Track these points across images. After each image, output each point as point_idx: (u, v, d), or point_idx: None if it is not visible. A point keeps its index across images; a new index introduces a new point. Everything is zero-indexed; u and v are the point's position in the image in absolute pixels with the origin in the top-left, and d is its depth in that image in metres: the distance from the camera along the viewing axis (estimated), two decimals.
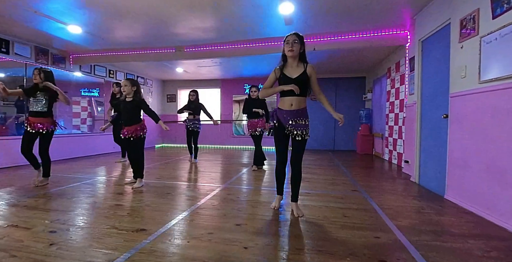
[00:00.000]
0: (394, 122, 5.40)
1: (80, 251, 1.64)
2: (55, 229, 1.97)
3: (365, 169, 4.74)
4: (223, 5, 3.46)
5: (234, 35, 4.58)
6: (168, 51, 5.28)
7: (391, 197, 2.89)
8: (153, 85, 8.68)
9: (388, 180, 3.77)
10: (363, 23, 4.07)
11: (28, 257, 1.55)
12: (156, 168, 4.63)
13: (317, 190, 3.15)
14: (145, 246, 1.71)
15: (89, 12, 3.68)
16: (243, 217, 2.25)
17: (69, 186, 3.30)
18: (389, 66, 5.77)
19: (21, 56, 4.80)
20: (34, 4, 3.38)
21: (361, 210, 2.44)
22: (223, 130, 8.73)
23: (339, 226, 2.05)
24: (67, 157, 5.62)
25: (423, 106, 3.53)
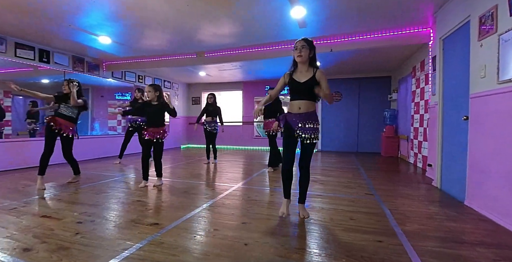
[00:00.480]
0: (419, 123, 5.17)
1: (100, 240, 1.85)
2: (81, 220, 2.21)
3: (386, 172, 4.60)
4: (236, 14, 3.62)
5: (250, 40, 4.71)
6: (190, 56, 5.55)
7: (405, 201, 2.81)
8: (179, 88, 9.09)
9: (408, 184, 3.64)
10: (382, 22, 3.97)
11: (56, 244, 1.78)
12: (178, 168, 4.89)
13: (329, 192, 3.15)
14: (155, 238, 1.87)
15: (117, 25, 4.03)
16: (249, 216, 2.34)
17: (99, 182, 3.62)
18: (414, 64, 5.53)
19: (60, 64, 5.33)
20: (69, 20, 3.78)
21: (369, 214, 2.41)
22: (245, 131, 8.90)
23: (343, 229, 2.06)
24: (102, 156, 6.12)
25: (445, 108, 3.37)
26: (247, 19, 3.79)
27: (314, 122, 2.26)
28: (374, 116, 7.55)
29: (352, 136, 7.82)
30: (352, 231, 2.01)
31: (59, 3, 3.28)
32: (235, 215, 2.36)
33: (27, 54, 4.74)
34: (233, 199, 2.88)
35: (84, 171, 4.26)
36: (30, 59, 4.80)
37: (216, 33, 4.38)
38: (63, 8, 3.40)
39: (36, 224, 2.13)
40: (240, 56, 5.20)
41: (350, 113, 7.81)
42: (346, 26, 4.09)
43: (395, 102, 7.10)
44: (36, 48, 4.89)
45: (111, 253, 1.65)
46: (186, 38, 4.63)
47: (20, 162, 4.63)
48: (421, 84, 5.08)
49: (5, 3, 3.27)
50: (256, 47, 5.01)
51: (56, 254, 1.64)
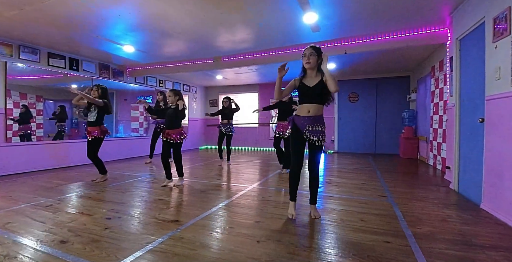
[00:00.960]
0: (438, 124, 5.06)
1: (127, 234, 2.04)
2: (110, 216, 2.43)
3: (404, 174, 4.55)
4: (250, 21, 3.77)
5: (265, 44, 4.84)
6: (207, 61, 5.76)
7: (419, 204, 2.82)
8: (197, 91, 9.38)
9: (425, 186, 3.61)
10: (397, 23, 3.95)
11: (88, 237, 1.99)
12: (196, 168, 5.10)
13: (342, 194, 3.20)
14: (175, 234, 2.04)
15: (140, 35, 4.31)
16: (263, 215, 2.46)
17: (125, 182, 3.89)
18: (433, 64, 5.42)
19: (88, 71, 5.72)
20: (97, 31, 4.09)
21: (381, 215, 2.46)
22: (261, 132, 9.03)
23: (352, 229, 2.13)
24: (126, 157, 6.48)
25: (462, 109, 3.32)
26: (261, 25, 3.92)
27: (322, 125, 2.36)
28: (392, 117, 7.42)
29: (369, 137, 7.73)
30: (361, 232, 2.08)
31: (88, 17, 3.57)
32: (250, 214, 2.49)
33: (58, 63, 5.15)
34: (248, 199, 3.01)
35: (110, 171, 4.56)
36: (61, 67, 5.19)
37: (232, 40, 4.55)
38: (92, 21, 3.70)
39: (70, 219, 2.36)
40: (255, 60, 5.34)
41: (367, 114, 7.72)
42: (360, 28, 4.11)
43: (414, 103, 6.95)
44: (67, 57, 5.28)
45: (136, 246, 1.83)
46: (204, 45, 4.84)
47: (53, 163, 5.03)
48: (440, 84, 4.98)
49: (41, 19, 3.60)
50: (271, 51, 5.13)
51: (89, 246, 1.84)
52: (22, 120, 4.71)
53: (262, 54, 5.24)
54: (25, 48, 4.61)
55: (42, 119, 5.04)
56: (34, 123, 4.91)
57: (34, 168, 4.74)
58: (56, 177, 4.26)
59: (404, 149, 6.58)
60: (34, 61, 4.76)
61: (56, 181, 3.92)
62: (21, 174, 4.43)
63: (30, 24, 3.77)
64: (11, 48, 4.44)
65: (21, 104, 4.71)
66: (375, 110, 7.65)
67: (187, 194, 3.24)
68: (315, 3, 3.22)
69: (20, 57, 4.55)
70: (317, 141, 2.33)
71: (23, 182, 3.86)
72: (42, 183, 3.79)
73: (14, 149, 4.50)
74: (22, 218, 2.40)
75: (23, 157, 4.60)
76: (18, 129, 4.63)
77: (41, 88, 5.08)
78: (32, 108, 4.88)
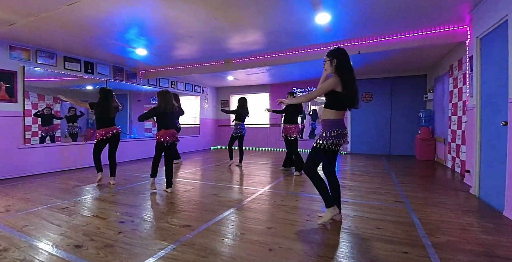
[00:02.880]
0: (457, 125, 4.88)
1: (140, 239, 2.05)
2: (123, 220, 2.46)
3: (421, 177, 4.41)
4: (260, 23, 3.74)
5: (277, 46, 4.79)
6: (218, 63, 5.77)
7: (438, 210, 2.71)
8: (209, 92, 9.43)
9: (443, 191, 3.48)
10: (413, 22, 3.82)
11: (102, 241, 2.01)
12: (208, 170, 5.11)
13: (356, 199, 3.12)
14: (187, 239, 2.04)
15: (152, 39, 4.37)
16: (275, 221, 2.43)
17: (138, 184, 3.94)
18: (451, 63, 5.21)
19: (103, 74, 5.84)
20: (110, 35, 4.16)
21: (397, 223, 2.38)
22: (272, 133, 8.98)
23: (367, 238, 2.07)
24: (139, 158, 6.59)
25: (483, 111, 3.17)
26: (272, 27, 3.88)
27: (323, 130, 2.32)
28: (408, 117, 7.20)
29: (383, 138, 7.54)
30: (376, 240, 2.01)
31: (101, 22, 3.63)
32: (261, 220, 2.46)
33: (74, 67, 5.27)
34: (260, 203, 2.98)
35: (123, 173, 4.65)
36: (76, 70, 5.32)
37: (243, 41, 4.53)
38: (105, 26, 3.76)
39: (85, 222, 2.40)
40: (267, 61, 5.30)
41: (382, 114, 7.53)
42: (375, 27, 4.00)
43: (431, 103, 6.73)
44: (82, 61, 5.41)
45: (149, 252, 1.84)
46: (215, 47, 4.85)
47: (70, 164, 5.16)
48: (458, 84, 4.79)
49: (56, 24, 3.69)
50: (283, 52, 5.08)
51: (102, 251, 1.86)
52: (47, 121, 4.92)
53: (274, 55, 5.19)
54: (42, 53, 4.74)
55: (59, 120, 5.20)
56: (58, 124, 5.12)
57: (52, 169, 4.88)
58: (73, 178, 4.36)
59: (421, 151, 6.39)
60: (51, 65, 4.90)
61: (72, 183, 4.02)
62: (40, 175, 4.57)
63: (46, 29, 3.87)
64: (28, 53, 4.57)
65: (45, 106, 4.91)
66: (389, 110, 7.46)
67: (198, 197, 3.25)
68: (328, 3, 3.15)
69: (37, 61, 4.69)
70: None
71: (41, 183, 3.98)
72: (59, 185, 3.89)
73: (32, 150, 4.65)
74: (39, 220, 2.46)
75: (41, 158, 4.74)
76: (41, 129, 4.84)
77: (59, 90, 5.18)
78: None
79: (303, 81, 8.15)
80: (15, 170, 4.41)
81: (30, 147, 4.62)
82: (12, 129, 4.40)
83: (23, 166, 4.51)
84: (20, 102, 4.49)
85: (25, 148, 4.54)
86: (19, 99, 4.47)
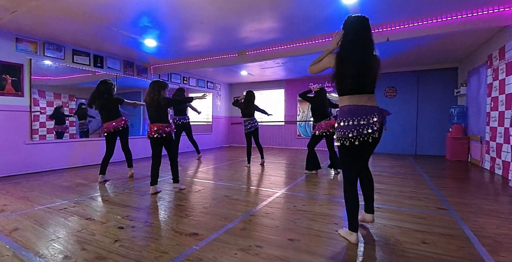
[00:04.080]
0: (498, 122, 4.32)
1: (138, 250, 1.74)
2: (123, 225, 2.16)
3: (458, 180, 3.90)
4: (280, 5, 3.34)
5: (295, 34, 4.39)
6: (231, 55, 5.43)
7: (492, 220, 2.26)
8: (221, 89, 9.13)
9: (489, 196, 2.99)
10: (451, 3, 3.34)
11: (94, 252, 1.71)
12: (220, 169, 4.79)
13: (389, 204, 2.70)
14: (193, 252, 1.70)
15: (161, 27, 4.08)
16: (297, 230, 2.06)
17: (146, 182, 3.66)
18: (489, 52, 4.65)
19: (113, 69, 5.63)
20: (116, 23, 3.89)
21: (447, 236, 1.95)
22: (287, 131, 8.58)
23: (414, 255, 1.66)
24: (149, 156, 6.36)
25: None
26: (291, 10, 3.49)
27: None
28: (436, 114, 6.62)
29: (409, 137, 6.98)
30: (427, 260, 1.61)
31: (106, 7, 3.36)
32: (280, 229, 2.10)
33: (83, 60, 5.08)
34: (277, 207, 2.61)
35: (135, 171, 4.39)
36: (85, 64, 5.13)
37: (258, 29, 4.16)
38: (110, 11, 3.49)
39: (81, 227, 2.12)
40: (284, 52, 4.90)
41: (407, 111, 6.96)
42: (407, 10, 3.53)
43: (464, 98, 6.12)
44: (91, 54, 5.21)
45: None
46: (228, 36, 4.50)
47: (78, 161, 4.98)
48: (500, 75, 4.24)
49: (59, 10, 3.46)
50: (302, 42, 4.66)
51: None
52: (58, 120, 4.84)
53: (290, 45, 4.79)
54: (49, 45, 4.56)
55: (74, 118, 5.12)
56: (67, 121, 5.00)
57: (59, 166, 4.70)
58: (79, 176, 4.15)
59: (452, 150, 5.81)
60: (59, 58, 4.71)
61: (78, 181, 3.79)
62: (46, 172, 4.39)
63: (50, 17, 3.64)
64: (35, 45, 4.40)
65: (55, 106, 4.80)
66: (416, 107, 6.89)
67: (209, 199, 2.92)
68: None
69: (45, 54, 4.51)
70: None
71: (45, 181, 3.77)
72: (63, 182, 3.68)
73: (40, 146, 4.48)
74: (32, 223, 2.20)
75: (48, 155, 4.57)
76: (53, 127, 4.77)
77: (73, 88, 5.13)
78: (65, 107, 4.96)
79: (321, 76, 7.68)
80: (21, 166, 4.24)
81: (38, 143, 4.45)
82: (19, 124, 4.23)
83: (29, 162, 4.34)
84: (27, 96, 4.32)
85: (32, 144, 4.37)
86: (25, 93, 4.30)
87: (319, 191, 3.26)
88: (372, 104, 1.83)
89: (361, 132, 1.77)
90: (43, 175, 4.17)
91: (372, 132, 1.77)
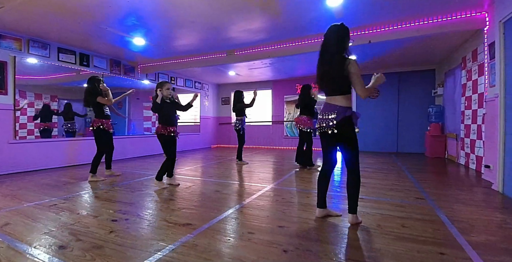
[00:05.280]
0: (471, 120, 4.62)
1: (134, 239, 1.79)
2: (116, 218, 2.19)
3: (435, 174, 4.15)
4: (269, 5, 3.47)
5: (283, 34, 4.53)
6: (220, 55, 5.51)
7: (465, 207, 2.45)
8: (209, 89, 9.17)
9: (463, 187, 3.22)
10: (429, 7, 3.57)
11: (90, 242, 1.75)
12: (209, 167, 4.84)
13: (372, 196, 2.86)
14: (188, 240, 1.77)
15: (149, 24, 4.09)
16: (286, 219, 2.17)
17: (135, 180, 3.67)
18: (464, 55, 4.98)
19: (99, 67, 5.58)
20: (105, 20, 3.89)
21: (424, 221, 2.12)
22: (274, 131, 8.73)
23: (395, 237, 1.81)
24: (138, 155, 6.32)
25: (508, 100, 2.92)
26: (279, 11, 3.62)
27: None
28: (416, 113, 6.96)
29: (391, 135, 7.28)
30: (407, 241, 1.75)
31: (95, 3, 3.37)
32: (270, 218, 2.20)
33: (69, 58, 5.01)
34: (267, 200, 2.72)
35: (121, 170, 4.38)
36: (71, 63, 5.06)
37: (247, 29, 4.27)
38: (99, 9, 3.50)
39: (73, 221, 2.14)
40: (271, 52, 5.04)
41: (389, 111, 7.27)
42: (388, 13, 3.75)
43: (441, 98, 6.48)
44: (77, 52, 5.15)
45: (143, 254, 1.57)
46: (217, 35, 4.58)
47: (64, 160, 4.89)
48: (473, 76, 4.55)
49: (47, 7, 3.43)
50: (289, 43, 4.82)
51: (90, 253, 1.60)
52: (45, 117, 4.78)
53: (278, 46, 4.94)
54: (34, 43, 4.48)
55: (56, 118, 5.00)
56: (56, 119, 4.96)
57: (44, 166, 4.61)
58: (66, 175, 4.10)
59: (431, 148, 6.12)
60: (44, 56, 4.64)
61: (64, 179, 3.75)
62: (31, 172, 4.30)
63: (38, 14, 3.61)
64: (20, 43, 4.32)
65: (43, 103, 4.74)
66: (397, 106, 7.21)
67: (200, 194, 2.98)
68: None
69: (29, 51, 4.43)
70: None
71: (30, 180, 3.71)
72: (49, 181, 3.63)
73: (24, 146, 4.38)
74: (22, 218, 2.19)
75: (32, 154, 4.47)
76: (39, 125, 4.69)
77: (56, 88, 5.02)
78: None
79: (307, 76, 7.89)
80: (4, 166, 4.13)
81: (21, 143, 4.35)
82: (2, 122, 4.13)
83: (13, 162, 4.23)
84: (11, 94, 4.23)
85: (15, 143, 4.27)
86: (9, 91, 4.21)
87: (306, 185, 3.40)
88: (334, 103, 2.05)
89: (321, 124, 2.09)
90: (28, 175, 4.08)
91: (327, 127, 2.03)
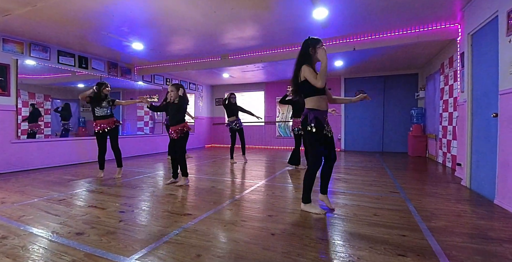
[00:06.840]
0: (448, 122, 5.02)
1: (141, 227, 2.05)
2: (123, 210, 2.45)
3: (413, 171, 4.52)
4: (260, 17, 3.77)
5: (273, 41, 4.84)
6: (215, 59, 5.78)
7: (432, 200, 2.79)
8: (203, 90, 9.41)
9: (436, 183, 3.58)
10: (407, 19, 3.92)
11: (104, 229, 2.00)
12: (204, 166, 5.11)
13: (353, 190, 3.18)
14: (190, 226, 2.05)
15: (149, 32, 4.34)
16: (275, 210, 2.46)
17: (134, 178, 3.91)
18: (442, 61, 5.37)
19: (97, 70, 5.77)
20: (106, 28, 4.12)
21: (394, 210, 2.44)
22: (267, 131, 9.03)
23: (366, 223, 2.12)
24: (133, 155, 6.53)
25: (474, 105, 3.28)
26: (270, 21, 3.93)
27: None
28: (400, 114, 7.37)
29: (376, 136, 7.68)
30: (376, 226, 2.07)
31: (98, 13, 3.60)
32: (261, 209, 2.49)
33: (68, 61, 5.20)
34: (258, 194, 3.01)
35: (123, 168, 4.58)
36: (70, 65, 5.25)
37: (240, 36, 4.55)
38: (101, 18, 3.73)
39: (84, 212, 2.39)
40: (263, 57, 5.34)
41: (375, 112, 7.67)
42: (370, 24, 4.08)
43: (423, 100, 6.89)
44: (76, 55, 5.34)
45: (152, 238, 1.84)
46: (212, 42, 4.86)
47: (64, 159, 5.08)
48: (449, 81, 4.93)
49: (52, 15, 3.64)
50: (279, 49, 5.13)
51: (105, 237, 1.86)
52: (32, 118, 4.78)
53: (270, 51, 5.24)
54: (35, 46, 4.67)
55: (50, 118, 5.10)
56: (42, 122, 4.96)
57: (46, 164, 4.79)
58: (68, 173, 4.30)
59: (413, 147, 6.53)
60: (45, 59, 4.82)
61: (67, 177, 3.96)
62: (33, 170, 4.49)
63: (41, 21, 3.81)
64: (22, 46, 4.50)
65: (30, 103, 4.74)
66: (382, 108, 7.61)
67: (197, 189, 3.26)
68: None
69: (31, 54, 4.61)
70: (331, 133, 2.44)
71: (34, 178, 3.91)
72: (53, 179, 3.83)
73: (26, 145, 4.56)
74: (36, 211, 2.43)
75: (34, 153, 4.65)
76: (28, 127, 4.71)
77: (50, 88, 5.13)
78: (40, 107, 4.92)
79: None
80: (8, 165, 4.31)
81: (24, 142, 4.53)
82: (5, 123, 4.31)
83: (16, 161, 4.42)
84: (13, 95, 4.40)
85: (18, 142, 4.45)
86: (12, 92, 4.38)
87: (294, 181, 3.70)
88: (305, 107, 2.41)
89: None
90: (31, 173, 4.27)
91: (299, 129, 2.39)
